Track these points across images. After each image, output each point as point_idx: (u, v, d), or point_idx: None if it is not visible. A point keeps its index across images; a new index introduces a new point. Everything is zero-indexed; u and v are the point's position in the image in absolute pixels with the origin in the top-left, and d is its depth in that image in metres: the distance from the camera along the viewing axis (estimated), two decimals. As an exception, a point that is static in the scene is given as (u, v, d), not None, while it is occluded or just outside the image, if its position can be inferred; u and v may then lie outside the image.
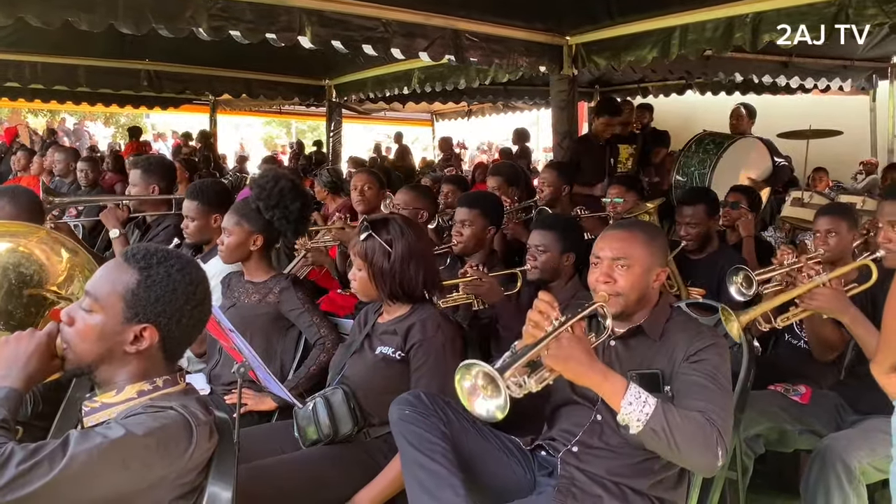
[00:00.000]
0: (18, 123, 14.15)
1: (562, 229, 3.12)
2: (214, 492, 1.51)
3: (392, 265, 2.47)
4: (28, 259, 1.92)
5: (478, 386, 1.80)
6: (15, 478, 1.27)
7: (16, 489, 1.27)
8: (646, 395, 1.86)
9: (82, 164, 6.26)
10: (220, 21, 4.24)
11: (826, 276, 2.63)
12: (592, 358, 1.89)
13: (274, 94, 9.02)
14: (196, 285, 1.59)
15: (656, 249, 2.17)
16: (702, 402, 1.91)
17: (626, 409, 1.84)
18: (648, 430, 1.82)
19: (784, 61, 7.14)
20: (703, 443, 1.83)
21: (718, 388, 1.95)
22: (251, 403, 2.77)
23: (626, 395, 1.85)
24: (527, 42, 5.63)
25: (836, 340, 2.87)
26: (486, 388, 1.79)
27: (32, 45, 6.64)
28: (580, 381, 1.91)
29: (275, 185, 3.04)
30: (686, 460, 1.89)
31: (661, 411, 1.83)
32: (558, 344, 1.85)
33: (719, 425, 1.86)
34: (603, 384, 1.88)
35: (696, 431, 1.83)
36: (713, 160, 5.42)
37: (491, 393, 1.77)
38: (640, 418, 1.83)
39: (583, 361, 1.86)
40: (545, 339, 1.84)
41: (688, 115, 9.16)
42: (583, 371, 1.87)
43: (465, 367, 1.80)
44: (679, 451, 1.83)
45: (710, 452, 1.83)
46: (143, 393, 1.54)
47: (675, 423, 1.82)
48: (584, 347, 1.88)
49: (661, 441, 1.83)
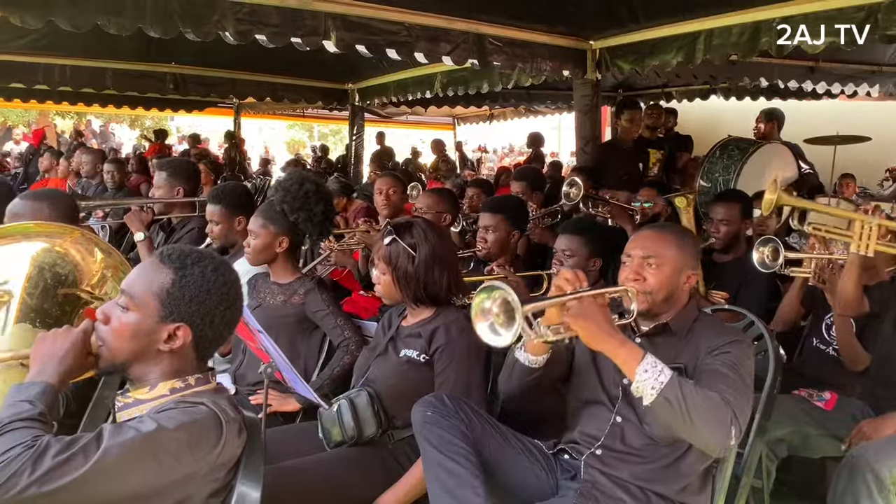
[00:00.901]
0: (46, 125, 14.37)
1: (590, 234, 3.12)
2: (244, 491, 1.52)
3: (416, 269, 2.48)
4: (63, 259, 1.95)
5: (491, 311, 1.83)
6: (51, 469, 1.30)
7: (52, 480, 1.29)
8: (662, 365, 1.86)
9: (108, 166, 6.34)
10: (247, 25, 4.29)
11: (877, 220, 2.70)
12: (611, 324, 1.92)
13: (297, 98, 9.09)
14: (229, 286, 1.61)
15: (687, 252, 2.17)
16: (720, 385, 1.90)
17: (640, 376, 1.84)
18: (662, 398, 1.81)
19: (811, 66, 7.05)
20: (716, 418, 1.82)
21: (737, 376, 1.94)
22: (276, 404, 2.78)
23: (641, 363, 1.85)
24: (550, 46, 5.63)
25: (858, 299, 2.86)
26: (498, 317, 1.82)
27: (61, 47, 6.74)
28: (596, 345, 1.91)
29: (300, 188, 3.06)
30: (699, 434, 1.86)
31: (677, 381, 1.83)
32: (580, 304, 1.89)
33: (734, 406, 1.85)
34: (619, 349, 1.89)
35: (710, 406, 1.82)
36: (738, 166, 5.36)
37: (502, 322, 1.81)
38: (654, 386, 1.82)
39: (601, 325, 1.89)
40: (570, 295, 1.88)
41: (711, 120, 9.09)
42: (600, 334, 1.88)
43: (490, 287, 1.82)
44: (692, 422, 1.81)
45: (723, 429, 1.82)
46: (175, 390, 1.57)
47: (690, 395, 1.82)
48: (604, 313, 1.91)
49: (674, 411, 1.81)
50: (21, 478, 1.27)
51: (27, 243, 1.97)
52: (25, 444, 1.31)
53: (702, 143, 6.82)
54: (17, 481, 1.27)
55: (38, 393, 1.45)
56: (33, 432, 1.35)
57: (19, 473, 1.27)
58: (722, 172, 5.40)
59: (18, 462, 1.28)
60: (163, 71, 7.83)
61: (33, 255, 1.93)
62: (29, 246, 1.95)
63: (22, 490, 1.27)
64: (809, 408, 2.86)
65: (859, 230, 2.70)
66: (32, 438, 1.33)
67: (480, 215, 3.59)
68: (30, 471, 1.28)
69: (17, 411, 1.40)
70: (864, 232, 2.69)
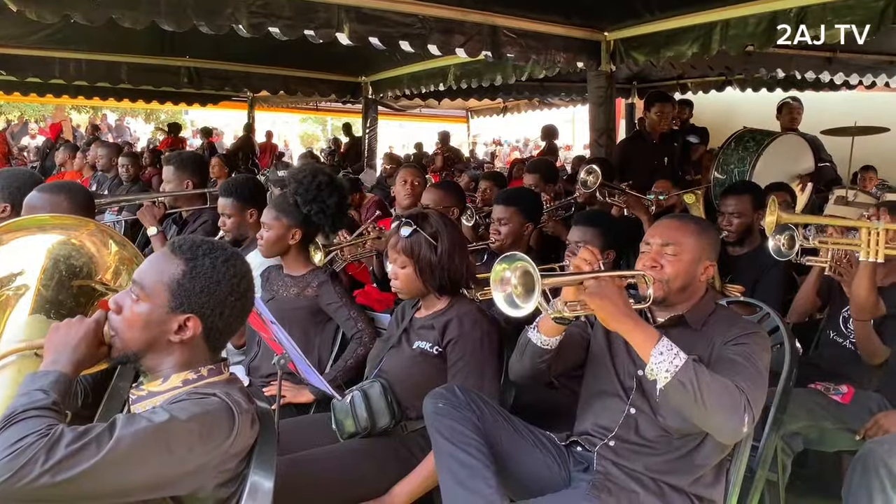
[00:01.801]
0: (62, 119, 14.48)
1: (603, 226, 3.10)
2: (256, 481, 1.52)
3: (440, 257, 2.48)
4: (78, 251, 1.96)
5: (510, 282, 1.83)
6: (64, 458, 1.30)
7: (65, 469, 1.30)
8: (677, 349, 1.85)
9: (123, 160, 6.37)
10: (260, 18, 4.29)
11: (882, 224, 2.63)
12: (627, 305, 1.92)
13: (311, 91, 9.12)
14: (240, 277, 1.61)
15: (706, 241, 2.16)
16: (734, 373, 1.89)
17: (655, 358, 1.83)
18: (676, 381, 1.81)
19: (828, 57, 6.97)
20: (730, 404, 1.81)
21: (752, 367, 1.93)
22: (289, 395, 2.80)
23: (657, 346, 1.84)
24: (564, 38, 5.60)
25: (880, 346, 2.82)
26: (517, 288, 1.82)
27: (77, 42, 6.79)
28: (612, 324, 1.91)
29: (312, 180, 3.07)
30: (711, 420, 1.84)
31: (691, 366, 1.82)
32: (597, 283, 1.89)
33: (748, 393, 1.83)
34: (634, 330, 1.89)
35: (724, 392, 1.82)
36: (753, 158, 5.31)
37: (520, 293, 1.81)
38: (668, 369, 1.81)
39: (618, 304, 1.89)
40: (588, 274, 1.89)
41: (727, 112, 9.02)
42: (617, 314, 1.88)
43: (511, 257, 1.83)
44: (705, 407, 1.80)
45: (736, 416, 1.81)
46: (188, 382, 1.57)
47: (705, 380, 1.81)
48: (621, 294, 1.91)
49: (687, 395, 1.80)
50: (34, 466, 1.28)
51: (43, 235, 1.98)
52: (39, 432, 1.32)
53: (717, 135, 6.76)
54: (31, 469, 1.27)
55: (52, 382, 1.46)
56: (47, 421, 1.36)
57: (33, 462, 1.28)
58: (737, 164, 5.35)
59: (32, 451, 1.29)
60: (177, 65, 7.88)
61: (49, 247, 1.93)
62: (44, 238, 1.96)
63: (35, 478, 1.27)
64: (826, 402, 2.83)
65: (866, 237, 2.64)
66: (46, 427, 1.34)
67: (493, 208, 3.58)
68: (43, 459, 1.29)
69: (31, 400, 1.40)
70: (872, 238, 2.63)
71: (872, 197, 5.51)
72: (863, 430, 2.67)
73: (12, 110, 19.52)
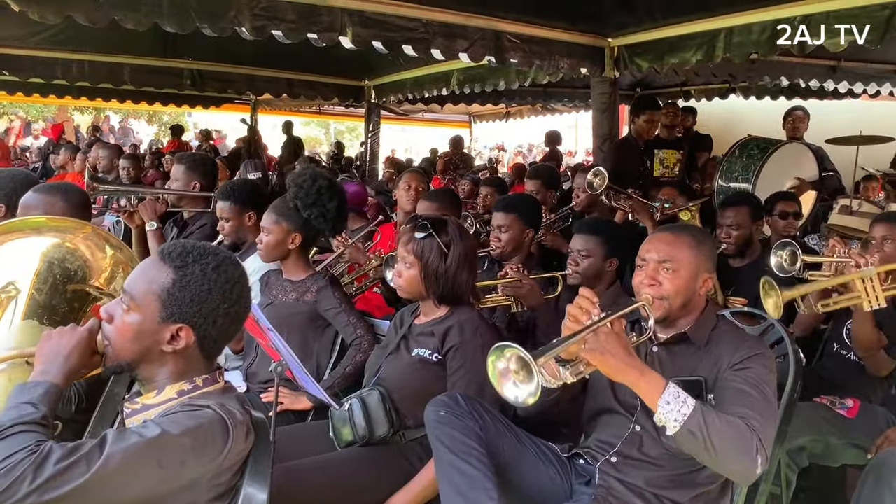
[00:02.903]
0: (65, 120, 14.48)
1: (606, 234, 3.07)
2: (250, 493, 1.49)
3: (448, 267, 2.45)
4: (73, 255, 1.94)
5: (510, 370, 1.78)
6: (53, 476, 1.27)
7: (53, 488, 1.27)
8: (685, 395, 1.80)
9: (124, 162, 6.35)
10: (263, 20, 4.28)
11: (874, 270, 2.56)
12: (631, 354, 1.85)
13: (314, 95, 9.10)
14: (233, 283, 1.57)
15: (704, 254, 2.12)
16: (743, 408, 1.85)
17: (663, 408, 1.79)
18: (685, 431, 1.77)
19: (832, 65, 6.95)
20: (742, 447, 1.77)
21: (761, 396, 1.89)
22: (287, 402, 2.77)
23: (664, 395, 1.80)
24: (568, 43, 5.57)
25: (874, 340, 2.78)
26: (518, 374, 1.77)
27: (79, 43, 6.78)
28: (617, 378, 1.86)
29: (312, 184, 3.04)
30: (724, 465, 1.82)
31: (700, 412, 1.78)
32: (596, 337, 1.82)
33: (760, 432, 1.79)
34: (640, 381, 1.83)
35: (735, 435, 1.78)
36: (757, 166, 5.29)
37: (523, 378, 1.75)
38: (677, 418, 1.77)
39: (620, 357, 1.82)
40: (583, 331, 1.81)
41: (731, 120, 8.99)
42: (620, 366, 1.82)
43: (500, 349, 1.78)
44: (716, 454, 1.76)
45: (748, 458, 1.76)
46: (182, 393, 1.54)
47: (714, 426, 1.77)
48: (622, 343, 1.84)
49: (697, 443, 1.77)
50: (22, 485, 1.25)
51: (37, 238, 1.95)
52: (28, 449, 1.29)
53: (721, 143, 6.73)
54: (19, 488, 1.25)
55: (42, 394, 1.43)
56: (36, 437, 1.33)
57: (20, 480, 1.25)
58: (741, 172, 5.33)
59: (20, 469, 1.26)
60: (180, 67, 7.87)
61: (43, 250, 1.91)
62: (39, 240, 1.94)
63: (23, 498, 1.24)
64: (831, 416, 2.79)
65: (862, 287, 2.58)
66: (35, 444, 1.31)
67: (493, 215, 3.54)
68: (31, 478, 1.26)
69: (20, 414, 1.37)
70: (867, 287, 2.57)
71: (877, 206, 5.49)
72: (874, 448, 2.63)
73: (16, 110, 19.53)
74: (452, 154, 10.64)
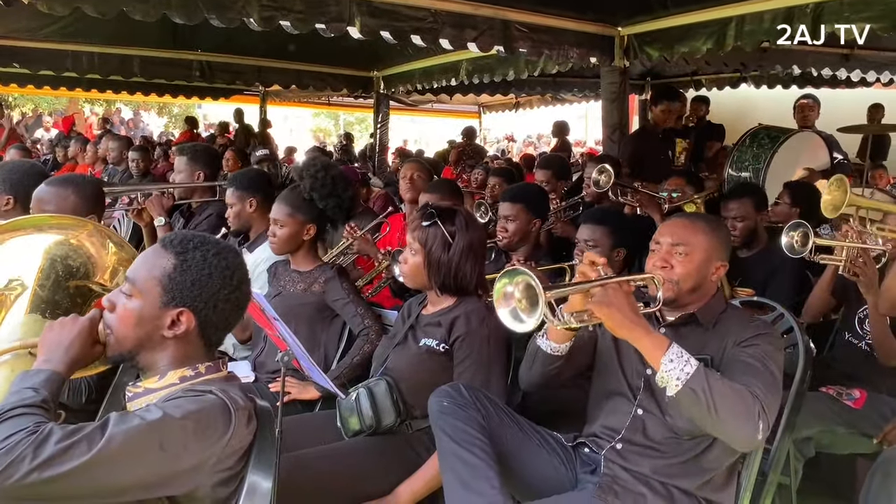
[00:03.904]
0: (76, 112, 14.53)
1: (613, 224, 3.05)
2: (255, 481, 1.50)
3: (450, 257, 2.45)
4: (76, 251, 1.96)
5: (514, 296, 1.79)
6: (53, 456, 1.28)
7: (53, 467, 1.28)
8: (688, 355, 1.81)
9: (133, 154, 6.36)
10: (271, 11, 4.28)
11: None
12: (636, 312, 1.87)
13: (323, 86, 9.11)
14: (233, 270, 1.59)
15: (718, 241, 2.12)
16: (747, 377, 1.85)
17: (666, 365, 1.79)
18: (687, 389, 1.77)
19: (845, 54, 6.89)
20: (744, 411, 1.77)
21: (766, 369, 1.89)
22: (294, 392, 2.78)
23: (667, 352, 1.80)
24: (577, 33, 5.55)
25: None
26: (521, 302, 1.78)
27: (89, 35, 6.80)
28: (620, 332, 1.87)
29: (326, 174, 3.04)
30: (725, 428, 1.81)
31: (703, 372, 1.78)
32: (604, 290, 1.84)
33: (762, 400, 1.79)
34: (644, 338, 1.84)
35: (737, 399, 1.77)
36: (768, 155, 5.26)
37: (525, 307, 1.76)
38: (679, 377, 1.77)
39: (626, 312, 1.84)
40: (594, 282, 1.84)
41: (742, 109, 8.94)
42: (625, 322, 1.84)
43: (513, 271, 1.79)
44: (718, 416, 1.76)
45: (750, 423, 1.76)
46: (185, 378, 1.55)
47: (717, 387, 1.77)
48: (629, 300, 1.86)
49: (699, 403, 1.77)
50: (22, 464, 1.26)
51: (40, 235, 1.98)
52: (27, 430, 1.30)
53: (733, 133, 6.69)
54: (19, 467, 1.26)
55: (43, 380, 1.45)
56: (35, 419, 1.34)
57: (20, 459, 1.26)
58: (752, 161, 5.30)
59: (20, 448, 1.27)
60: (189, 58, 7.90)
61: (46, 247, 1.93)
62: (42, 238, 1.96)
63: (23, 476, 1.25)
64: (839, 407, 2.78)
65: None
66: (35, 425, 1.32)
67: (500, 205, 3.53)
68: (31, 457, 1.27)
69: (21, 398, 1.39)
70: None
71: (889, 195, 5.43)
72: (881, 435, 2.62)
73: (26, 103, 19.63)
74: (466, 145, 10.62)
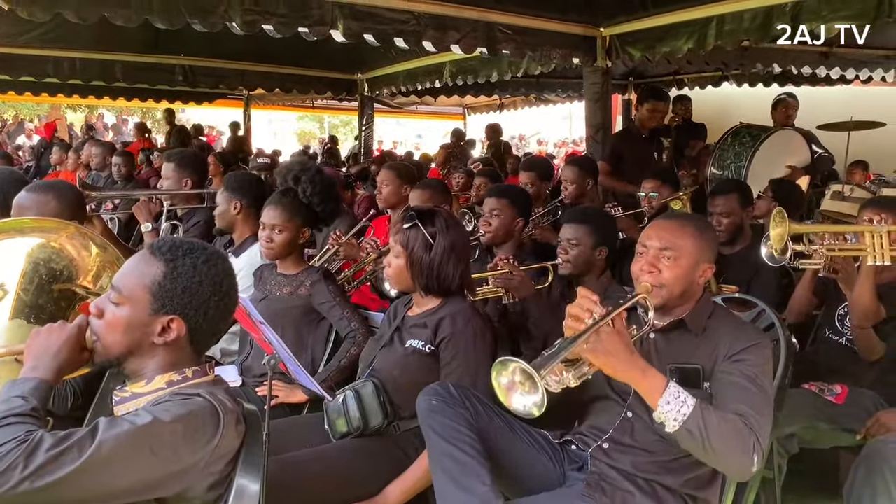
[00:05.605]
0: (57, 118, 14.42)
1: (595, 222, 3.07)
2: (242, 484, 1.50)
3: (432, 258, 2.45)
4: (59, 254, 1.95)
5: (515, 382, 1.77)
6: (44, 464, 1.28)
7: (45, 475, 1.28)
8: (685, 394, 1.81)
9: (116, 159, 6.32)
10: (254, 15, 4.28)
11: (885, 228, 2.63)
12: (632, 353, 1.85)
13: (307, 89, 9.11)
14: (222, 277, 1.59)
15: (706, 244, 2.12)
16: (740, 404, 1.87)
17: (663, 407, 1.80)
18: (684, 430, 1.79)
19: (824, 52, 6.95)
20: (739, 447, 1.80)
21: (759, 390, 1.91)
22: (282, 395, 2.78)
23: (664, 394, 1.81)
24: (560, 34, 5.58)
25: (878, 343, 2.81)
26: (523, 385, 1.76)
27: (70, 41, 6.77)
28: (619, 377, 1.87)
29: (321, 177, 3.06)
30: (720, 463, 1.85)
31: (699, 412, 1.79)
32: (598, 338, 1.81)
33: (757, 430, 1.82)
34: (641, 381, 1.84)
35: (732, 435, 1.80)
36: (749, 153, 5.31)
37: (529, 389, 1.74)
38: (676, 418, 1.79)
39: (622, 357, 1.82)
40: (584, 334, 1.81)
41: (724, 108, 9.01)
42: (622, 367, 1.82)
43: (502, 363, 1.77)
44: (714, 453, 1.79)
45: (745, 457, 1.79)
46: (172, 383, 1.55)
47: (712, 425, 1.78)
48: (624, 342, 1.84)
49: (696, 442, 1.79)
50: (14, 473, 1.26)
51: (22, 238, 1.97)
52: (18, 438, 1.30)
53: (715, 131, 6.75)
54: (10, 476, 1.26)
55: (32, 388, 1.44)
56: (26, 427, 1.34)
57: (12, 468, 1.26)
58: (734, 160, 5.36)
59: (11, 457, 1.27)
60: (171, 63, 7.86)
61: (28, 250, 1.92)
62: (24, 241, 1.95)
63: (15, 485, 1.26)
64: (821, 403, 2.80)
65: (871, 241, 2.64)
66: (25, 433, 1.32)
67: (485, 200, 3.53)
68: (22, 466, 1.27)
69: (10, 407, 1.38)
70: (875, 242, 2.63)
71: (869, 192, 5.50)
72: (864, 430, 2.65)
73: (7, 110, 19.46)
74: (454, 146, 10.64)
